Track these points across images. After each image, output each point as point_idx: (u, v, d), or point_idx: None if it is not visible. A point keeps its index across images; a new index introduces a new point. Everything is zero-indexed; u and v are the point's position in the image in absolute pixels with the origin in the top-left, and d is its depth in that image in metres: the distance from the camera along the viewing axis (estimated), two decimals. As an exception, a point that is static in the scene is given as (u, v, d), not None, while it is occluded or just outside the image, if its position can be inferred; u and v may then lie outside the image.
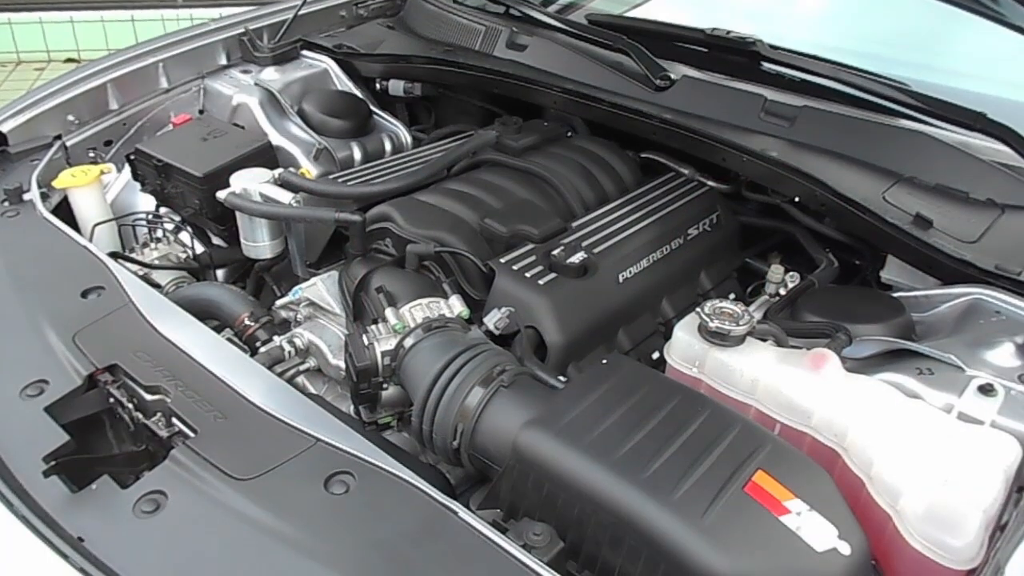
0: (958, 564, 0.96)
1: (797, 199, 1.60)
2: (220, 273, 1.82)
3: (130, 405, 1.14)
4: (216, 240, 1.83)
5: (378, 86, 2.18)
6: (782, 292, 1.55)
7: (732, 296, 1.61)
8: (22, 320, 1.27)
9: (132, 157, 1.79)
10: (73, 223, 1.64)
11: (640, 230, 1.55)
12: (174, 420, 1.10)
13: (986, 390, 1.14)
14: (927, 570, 0.98)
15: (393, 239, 1.52)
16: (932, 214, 1.43)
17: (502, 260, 1.41)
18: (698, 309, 1.24)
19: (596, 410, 1.06)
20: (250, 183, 1.59)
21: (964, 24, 1.68)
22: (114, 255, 1.55)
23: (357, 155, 1.97)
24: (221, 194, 1.59)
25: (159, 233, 1.78)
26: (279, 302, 1.55)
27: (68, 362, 1.17)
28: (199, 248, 1.79)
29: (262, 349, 1.45)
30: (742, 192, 1.79)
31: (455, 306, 1.35)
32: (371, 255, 1.55)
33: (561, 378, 1.19)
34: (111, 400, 1.16)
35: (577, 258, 1.41)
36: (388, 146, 2.03)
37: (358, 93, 2.12)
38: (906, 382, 1.18)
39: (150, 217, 1.79)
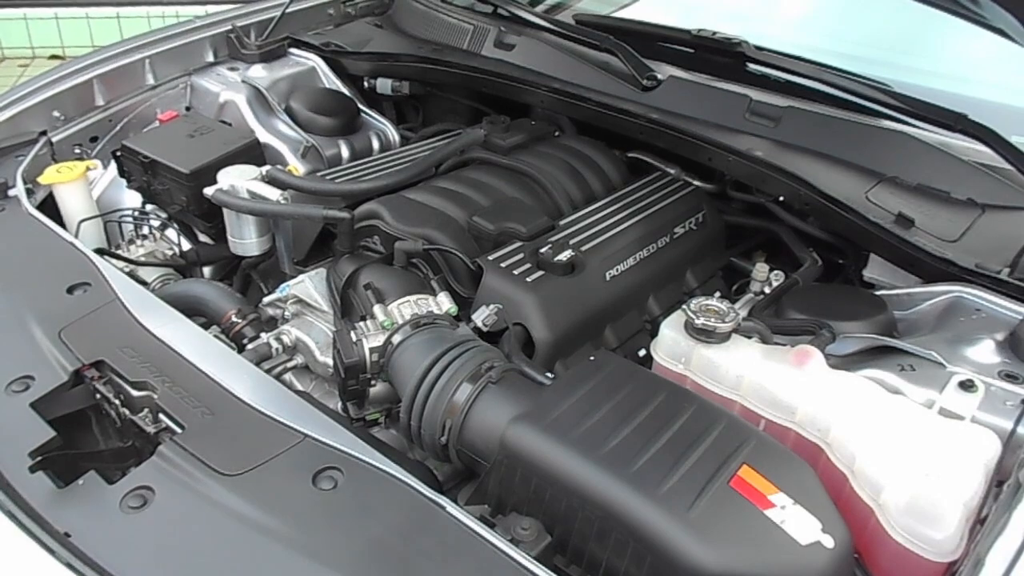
0: (939, 557, 0.97)
1: (781, 198, 1.62)
2: (207, 270, 1.81)
3: (116, 401, 1.14)
4: (203, 237, 1.82)
5: (366, 84, 2.18)
6: (767, 290, 1.57)
7: (717, 294, 1.62)
8: (8, 316, 1.26)
9: (118, 153, 1.78)
10: (59, 219, 1.64)
11: (627, 229, 1.56)
12: (161, 416, 1.10)
13: (966, 386, 1.15)
14: (909, 563, 0.99)
15: (381, 236, 1.52)
16: (914, 213, 1.45)
17: (490, 257, 1.41)
18: (684, 306, 1.25)
19: (583, 406, 1.07)
20: (237, 180, 1.59)
21: (945, 26, 1.71)
22: (100, 252, 1.54)
23: (345, 153, 1.97)
24: (208, 191, 1.58)
25: (145, 230, 1.78)
26: (266, 299, 1.55)
27: (54, 358, 1.17)
28: (186, 245, 1.78)
29: (249, 346, 1.44)
30: (727, 191, 1.81)
31: (443, 303, 1.36)
32: (359, 252, 1.55)
33: (549, 375, 1.20)
34: (97, 396, 1.15)
35: (564, 256, 1.42)
36: (376, 144, 2.04)
37: (346, 91, 2.12)
38: (888, 378, 1.20)
39: (136, 214, 1.79)
